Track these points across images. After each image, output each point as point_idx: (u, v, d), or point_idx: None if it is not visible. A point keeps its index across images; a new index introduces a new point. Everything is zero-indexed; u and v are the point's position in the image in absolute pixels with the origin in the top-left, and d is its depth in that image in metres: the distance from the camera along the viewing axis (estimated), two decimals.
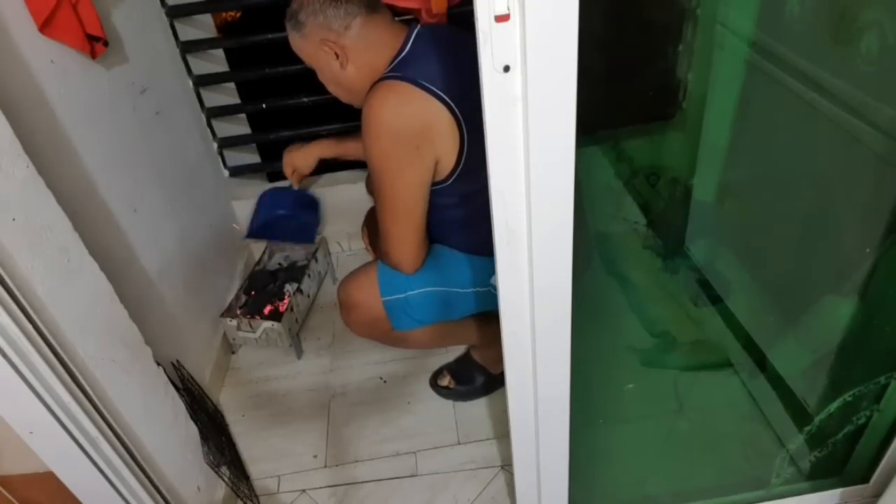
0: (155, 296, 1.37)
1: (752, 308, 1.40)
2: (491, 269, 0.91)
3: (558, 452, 0.99)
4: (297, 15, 1.08)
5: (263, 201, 1.83)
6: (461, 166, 1.10)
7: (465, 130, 1.06)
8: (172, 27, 1.60)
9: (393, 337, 1.32)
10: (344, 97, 1.19)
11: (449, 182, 1.12)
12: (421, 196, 1.11)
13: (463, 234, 1.22)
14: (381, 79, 1.06)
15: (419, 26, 1.10)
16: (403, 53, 1.08)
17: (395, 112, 1.03)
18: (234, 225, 1.88)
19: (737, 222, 1.48)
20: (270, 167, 1.93)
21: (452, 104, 1.04)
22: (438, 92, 1.03)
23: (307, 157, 1.52)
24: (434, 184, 1.12)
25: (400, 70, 1.06)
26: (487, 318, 1.39)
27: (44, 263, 0.86)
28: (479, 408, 1.49)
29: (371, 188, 1.64)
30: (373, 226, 1.43)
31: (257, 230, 1.80)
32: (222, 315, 1.64)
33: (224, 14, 2.30)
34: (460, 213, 1.18)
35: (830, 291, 1.16)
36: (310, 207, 1.85)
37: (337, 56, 1.09)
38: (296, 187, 1.61)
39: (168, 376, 1.19)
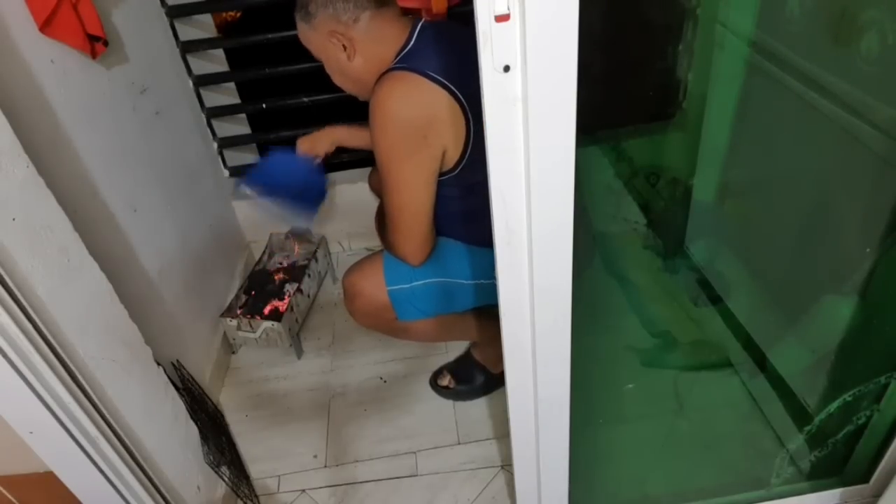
0: (155, 296, 1.37)
1: (752, 308, 1.40)
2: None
3: (558, 452, 0.99)
4: (308, 6, 1.08)
5: (270, 158, 1.56)
6: (467, 157, 1.10)
7: (471, 121, 1.07)
8: (172, 27, 1.60)
9: (395, 327, 1.32)
10: (350, 89, 1.19)
11: (455, 173, 1.12)
12: (428, 187, 1.11)
13: (468, 225, 1.22)
14: (389, 70, 1.06)
15: (423, 20, 1.10)
16: (409, 46, 1.08)
17: (403, 102, 1.03)
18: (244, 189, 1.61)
19: (737, 222, 1.48)
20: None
21: (459, 94, 1.04)
22: (445, 82, 1.03)
23: (323, 139, 1.48)
24: (440, 175, 1.12)
25: (406, 62, 1.06)
26: (488, 315, 1.39)
27: (44, 263, 0.86)
28: (479, 408, 1.49)
29: (374, 185, 1.64)
30: (384, 217, 1.43)
31: (256, 177, 1.53)
32: (222, 315, 1.64)
33: (224, 14, 2.29)
34: (466, 204, 1.18)
35: (830, 291, 1.16)
36: (316, 186, 1.62)
37: (345, 48, 1.09)
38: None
39: (168, 376, 1.19)
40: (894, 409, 1.03)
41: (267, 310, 1.63)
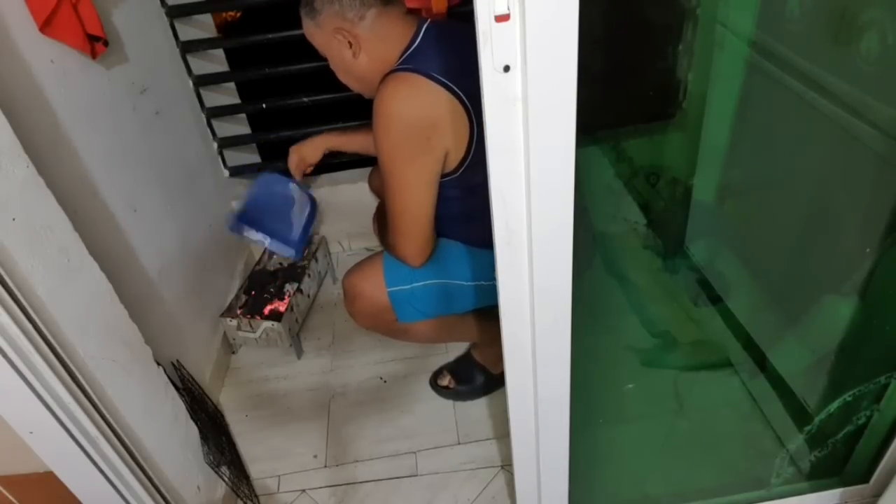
0: (155, 296, 1.37)
1: (752, 308, 1.40)
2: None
3: (558, 452, 0.99)
4: (313, 2, 1.08)
5: (257, 190, 1.64)
6: (470, 158, 1.10)
7: (475, 122, 1.07)
8: (172, 27, 1.60)
9: (396, 329, 1.32)
10: (355, 87, 1.19)
11: (457, 174, 1.12)
12: (430, 188, 1.11)
13: (469, 227, 1.22)
14: (393, 70, 1.06)
15: (428, 20, 1.10)
16: (414, 46, 1.08)
17: (407, 103, 1.03)
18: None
19: (737, 222, 1.48)
20: (270, 167, 1.93)
21: (463, 96, 1.04)
22: (449, 84, 1.03)
23: (314, 147, 1.50)
24: (442, 175, 1.12)
25: (411, 62, 1.06)
26: (488, 315, 1.39)
27: (44, 263, 0.86)
28: (479, 408, 1.49)
29: (374, 185, 1.63)
30: (383, 217, 1.43)
31: (238, 223, 1.57)
32: (222, 315, 1.63)
33: (224, 14, 2.30)
34: (468, 205, 1.18)
35: (830, 291, 1.16)
36: (305, 217, 1.68)
37: (350, 45, 1.09)
38: (298, 178, 1.54)
39: (168, 376, 1.19)
40: (894, 409, 1.03)
41: (267, 310, 1.63)
